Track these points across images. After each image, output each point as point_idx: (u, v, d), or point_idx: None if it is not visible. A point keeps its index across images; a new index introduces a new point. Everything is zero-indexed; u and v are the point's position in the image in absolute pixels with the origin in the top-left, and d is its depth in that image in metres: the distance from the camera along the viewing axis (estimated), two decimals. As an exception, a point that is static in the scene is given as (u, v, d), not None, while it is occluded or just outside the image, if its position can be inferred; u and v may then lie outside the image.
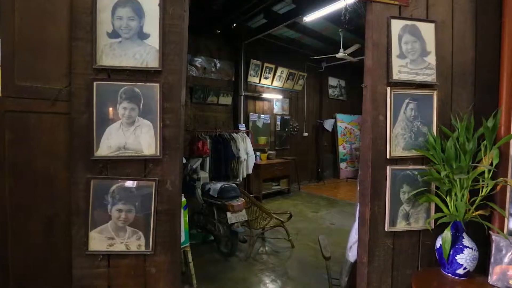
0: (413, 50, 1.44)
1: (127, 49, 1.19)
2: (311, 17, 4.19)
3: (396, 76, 1.42)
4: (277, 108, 6.67)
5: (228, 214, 2.85)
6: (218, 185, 3.06)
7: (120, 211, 1.21)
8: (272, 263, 3.15)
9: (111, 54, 1.18)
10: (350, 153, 8.41)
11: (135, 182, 1.22)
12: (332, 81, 8.15)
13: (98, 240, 1.21)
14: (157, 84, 1.21)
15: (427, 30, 1.46)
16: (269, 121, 6.44)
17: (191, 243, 3.58)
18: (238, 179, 5.06)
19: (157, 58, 1.21)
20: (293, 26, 5.45)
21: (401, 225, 1.48)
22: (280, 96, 6.59)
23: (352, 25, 2.98)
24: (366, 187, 1.46)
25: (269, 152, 6.29)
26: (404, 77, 1.43)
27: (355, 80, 9.02)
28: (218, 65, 5.57)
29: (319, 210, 5.13)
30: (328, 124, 7.65)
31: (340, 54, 5.38)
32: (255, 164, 5.43)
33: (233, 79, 5.77)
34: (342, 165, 8.15)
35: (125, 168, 1.22)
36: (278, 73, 6.38)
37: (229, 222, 2.84)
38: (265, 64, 6.08)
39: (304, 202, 5.64)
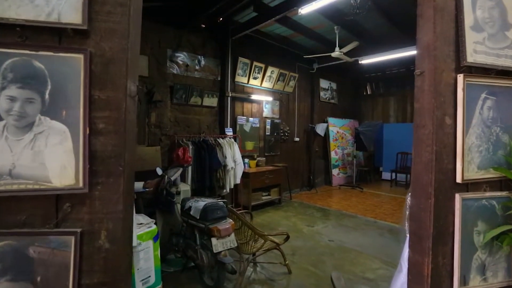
0: (491, 20, 0.97)
1: (21, -13, 0.64)
2: (307, 9, 3.74)
3: (470, 57, 0.93)
4: (266, 111, 6.17)
5: (213, 240, 2.28)
6: (200, 204, 2.48)
7: (5, 295, 0.64)
8: (266, 296, 2.60)
9: (-13, -5, 0.62)
10: (342, 158, 8.04)
11: (37, 238, 0.65)
12: (324, 83, 7.78)
13: None
14: (81, 56, 0.66)
15: (508, -8, 0.99)
16: (258, 125, 5.93)
17: (168, 272, 2.98)
18: (224, 190, 4.49)
19: (79, 7, 0.66)
20: (285, 22, 5.00)
21: (475, 282, 0.99)
22: (270, 98, 6.10)
23: (365, 9, 2.54)
24: (425, 226, 0.95)
25: (258, 158, 5.76)
26: (481, 59, 0.95)
27: (347, 83, 8.73)
28: (202, 62, 5.00)
29: (314, 223, 4.64)
30: (320, 129, 7.24)
31: (336, 53, 4.97)
32: (243, 172, 4.88)
33: (219, 79, 5.22)
34: (335, 171, 7.75)
35: (15, 213, 0.65)
36: (268, 73, 5.90)
37: (214, 251, 2.27)
38: (254, 63, 5.57)
39: (297, 214, 5.14)
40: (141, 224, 1.76)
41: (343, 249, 3.62)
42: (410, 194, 1.01)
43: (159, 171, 2.94)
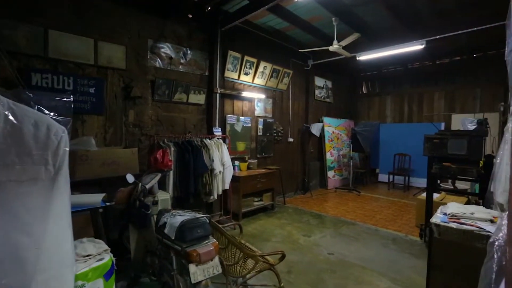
0: None
1: None
2: (304, -6, 3.32)
3: None
4: (259, 110, 5.74)
5: (192, 267, 1.82)
6: (177, 220, 2.02)
7: None
8: (258, 329, 2.16)
9: None
10: (338, 160, 7.68)
11: None
12: (319, 81, 7.40)
13: None
14: None
15: None
16: (249, 125, 5.49)
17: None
18: (211, 197, 4.03)
19: None
20: (279, 12, 4.57)
21: None
22: (262, 96, 5.67)
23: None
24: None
25: (250, 161, 5.33)
26: None
27: (342, 81, 8.39)
28: (188, 55, 4.53)
29: (311, 232, 4.23)
30: (315, 129, 6.86)
31: (334, 46, 4.58)
32: (233, 176, 4.43)
33: (206, 74, 4.75)
34: (330, 173, 7.39)
35: None
36: (260, 69, 5.47)
37: (193, 281, 1.81)
38: (246, 58, 5.13)
39: (292, 222, 4.72)
40: (88, 256, 1.29)
41: (345, 264, 3.22)
42: (505, 233, 0.59)
43: (129, 178, 2.45)
